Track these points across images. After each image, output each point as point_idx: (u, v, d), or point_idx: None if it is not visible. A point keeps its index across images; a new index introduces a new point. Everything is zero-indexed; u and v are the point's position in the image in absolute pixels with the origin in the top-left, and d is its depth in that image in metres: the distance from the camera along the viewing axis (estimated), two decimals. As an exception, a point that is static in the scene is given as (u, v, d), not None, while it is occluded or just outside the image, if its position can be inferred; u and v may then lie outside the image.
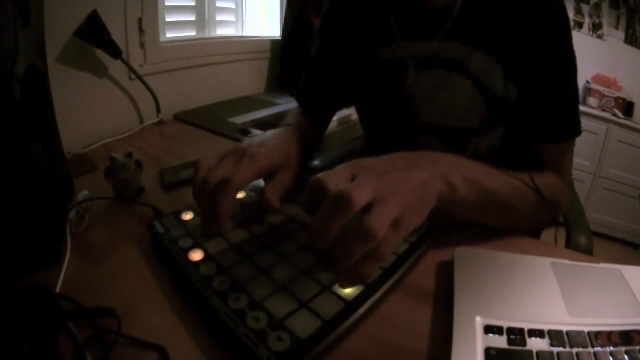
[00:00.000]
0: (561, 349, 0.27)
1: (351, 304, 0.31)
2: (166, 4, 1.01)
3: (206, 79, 1.10)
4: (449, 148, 0.55)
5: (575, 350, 0.27)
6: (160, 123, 0.90)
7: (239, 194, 0.48)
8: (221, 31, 1.22)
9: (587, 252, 0.57)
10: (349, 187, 0.28)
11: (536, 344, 0.28)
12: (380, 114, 0.62)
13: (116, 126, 0.83)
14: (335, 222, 0.28)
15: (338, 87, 0.62)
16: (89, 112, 0.80)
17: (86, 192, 0.49)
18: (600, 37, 2.09)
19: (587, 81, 2.10)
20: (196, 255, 0.37)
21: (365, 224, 0.27)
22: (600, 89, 2.08)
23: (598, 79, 2.10)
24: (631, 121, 2.00)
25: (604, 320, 0.30)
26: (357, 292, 0.33)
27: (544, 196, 0.43)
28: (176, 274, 0.36)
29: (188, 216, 0.43)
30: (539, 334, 0.29)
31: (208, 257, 0.37)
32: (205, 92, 1.10)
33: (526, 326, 0.29)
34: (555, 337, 0.28)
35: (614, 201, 2.08)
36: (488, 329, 0.29)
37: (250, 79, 1.29)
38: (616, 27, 2.07)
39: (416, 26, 0.51)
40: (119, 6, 0.82)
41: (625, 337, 0.28)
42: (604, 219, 2.10)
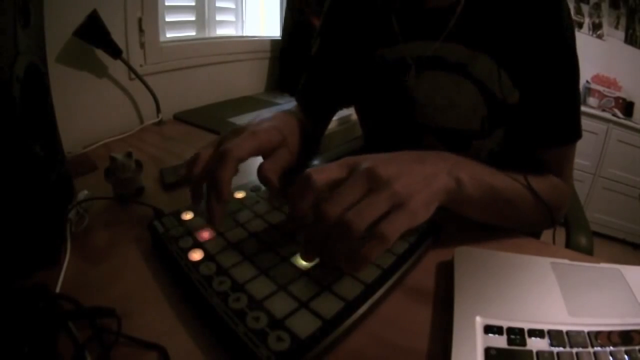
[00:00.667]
0: (561, 349, 0.27)
1: (351, 304, 0.31)
2: (166, 4, 1.01)
3: (206, 79, 1.10)
4: (450, 149, 0.55)
5: (575, 350, 0.27)
6: (160, 123, 0.90)
7: (239, 194, 0.48)
8: (221, 31, 1.22)
9: (587, 252, 0.57)
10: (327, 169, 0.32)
11: (536, 344, 0.28)
12: (380, 115, 0.62)
13: (116, 126, 0.83)
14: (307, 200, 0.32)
15: (338, 88, 0.62)
16: (89, 112, 0.80)
17: (86, 192, 0.49)
18: (600, 37, 2.09)
19: (587, 81, 2.10)
20: (196, 255, 0.37)
21: (344, 217, 0.29)
22: (600, 89, 2.08)
23: (598, 79, 2.10)
24: (631, 121, 2.00)
25: (604, 320, 0.30)
26: (357, 292, 0.32)
27: (541, 198, 0.43)
28: (176, 274, 0.36)
29: (188, 216, 0.43)
30: (539, 334, 0.29)
31: (208, 257, 0.37)
32: (205, 92, 1.10)
33: (526, 326, 0.29)
34: (555, 337, 0.28)
35: (614, 201, 2.08)
36: (488, 329, 0.29)
37: (250, 79, 1.29)
38: (616, 27, 2.07)
39: (417, 27, 0.51)
40: (119, 6, 0.82)
41: (625, 337, 0.28)
42: (604, 219, 2.10)
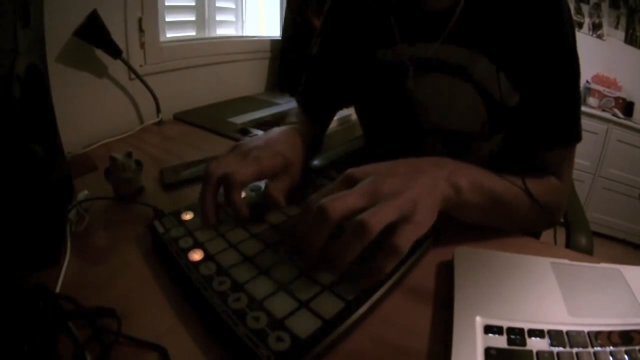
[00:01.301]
0: (561, 349, 0.27)
1: (351, 304, 0.31)
2: (166, 4, 1.01)
3: (206, 79, 1.10)
4: (450, 151, 0.55)
5: (575, 350, 0.27)
6: (160, 123, 0.90)
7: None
8: (221, 31, 1.22)
9: (587, 252, 0.57)
10: (342, 196, 0.31)
11: (536, 344, 0.28)
12: (380, 116, 0.62)
13: (116, 126, 0.83)
14: (320, 228, 0.31)
15: (338, 88, 0.62)
16: (89, 112, 0.80)
17: (86, 192, 0.49)
18: (600, 37, 2.09)
19: (587, 81, 2.10)
20: (196, 255, 0.37)
21: (359, 218, 0.30)
22: (600, 89, 2.08)
23: (598, 79, 2.10)
24: (631, 121, 2.00)
25: (604, 320, 0.30)
26: (357, 292, 0.32)
27: (537, 199, 0.44)
28: (176, 274, 0.36)
29: (188, 216, 0.43)
30: (539, 334, 0.29)
31: (208, 257, 0.37)
32: (205, 92, 1.10)
33: (526, 326, 0.29)
34: (555, 337, 0.28)
35: (614, 201, 2.08)
36: (488, 329, 0.29)
37: (250, 79, 1.29)
38: (616, 27, 2.07)
39: (417, 29, 0.51)
40: (119, 6, 0.82)
41: (625, 337, 0.28)
42: (604, 219, 2.10)
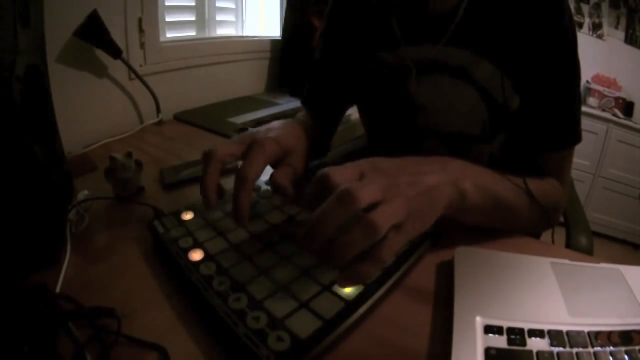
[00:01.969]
0: (561, 349, 0.27)
1: (351, 304, 0.31)
2: (166, 4, 1.01)
3: (206, 79, 1.10)
4: (451, 152, 0.55)
5: (575, 350, 0.27)
6: (160, 123, 0.90)
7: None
8: (221, 31, 1.22)
9: (587, 252, 0.57)
10: (355, 185, 0.28)
11: (536, 344, 0.28)
12: (381, 117, 0.62)
13: (116, 126, 0.83)
14: (336, 216, 0.28)
15: (343, 90, 0.63)
16: (89, 112, 0.80)
17: (86, 192, 0.49)
18: (600, 37, 2.09)
19: (587, 81, 2.10)
20: (196, 255, 0.37)
21: (369, 217, 0.27)
22: (600, 89, 2.08)
23: (598, 79, 2.10)
24: (631, 121, 2.00)
25: (604, 320, 0.30)
26: (357, 292, 0.32)
27: (537, 200, 0.44)
28: (176, 274, 0.36)
29: (188, 216, 0.43)
30: (539, 334, 0.29)
31: (208, 257, 0.37)
32: (205, 92, 1.10)
33: (526, 326, 0.29)
34: (555, 337, 0.28)
35: (614, 201, 2.08)
36: (488, 329, 0.29)
37: (250, 79, 1.29)
38: (616, 27, 2.07)
39: (419, 31, 0.51)
40: (119, 6, 0.82)
41: (625, 337, 0.28)
42: (604, 219, 2.10)
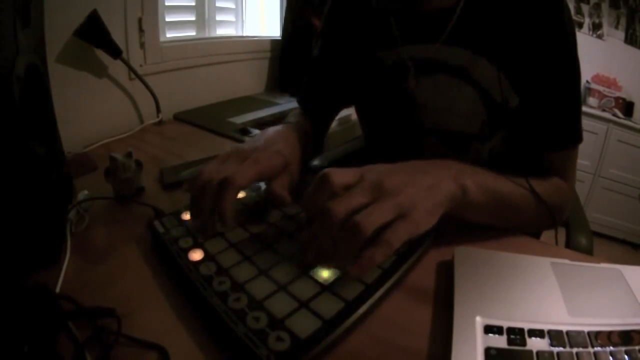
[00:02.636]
0: (561, 349, 0.27)
1: (351, 304, 0.31)
2: (166, 4, 1.01)
3: (206, 79, 1.10)
4: (450, 151, 0.55)
5: (575, 350, 0.27)
6: (160, 123, 0.90)
7: (239, 194, 0.48)
8: (221, 31, 1.22)
9: (588, 252, 0.57)
10: (346, 199, 0.32)
11: (536, 344, 0.28)
12: (380, 116, 0.62)
13: (116, 126, 0.83)
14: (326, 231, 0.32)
15: (339, 89, 0.62)
16: (89, 112, 0.80)
17: (86, 192, 0.49)
18: (600, 37, 2.09)
19: (587, 81, 2.10)
20: (196, 255, 0.37)
21: (354, 219, 0.30)
22: (600, 89, 2.08)
23: (598, 79, 2.10)
24: (631, 121, 2.00)
25: (604, 320, 0.30)
26: (357, 292, 0.32)
27: (543, 200, 0.43)
28: (176, 274, 0.36)
29: (188, 216, 0.43)
30: (539, 334, 0.29)
31: (208, 257, 0.37)
32: (205, 92, 1.10)
33: (526, 326, 0.29)
34: (556, 337, 0.28)
35: (614, 201, 2.07)
36: (488, 329, 0.29)
37: (250, 79, 1.29)
38: (616, 27, 2.06)
39: (417, 30, 0.51)
40: (119, 6, 0.82)
41: (625, 337, 0.28)
42: (604, 219, 2.10)
